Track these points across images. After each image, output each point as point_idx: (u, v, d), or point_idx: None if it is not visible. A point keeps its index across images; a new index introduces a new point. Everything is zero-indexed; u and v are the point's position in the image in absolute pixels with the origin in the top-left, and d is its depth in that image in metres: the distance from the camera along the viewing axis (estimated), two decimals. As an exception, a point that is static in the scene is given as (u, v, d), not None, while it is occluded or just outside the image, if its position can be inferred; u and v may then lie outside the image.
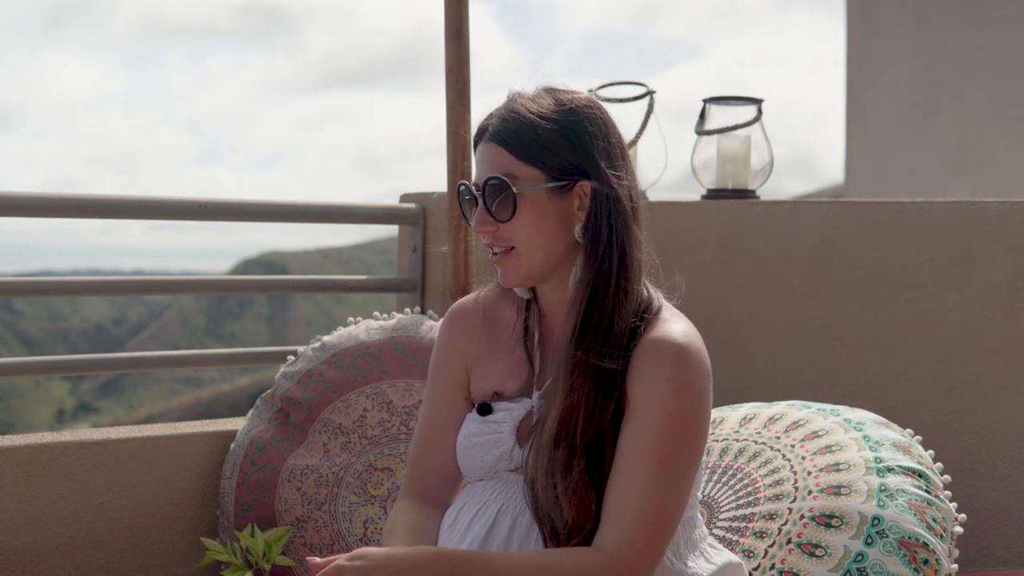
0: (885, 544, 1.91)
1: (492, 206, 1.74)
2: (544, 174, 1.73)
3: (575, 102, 1.75)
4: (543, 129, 1.72)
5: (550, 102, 1.75)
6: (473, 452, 1.82)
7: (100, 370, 2.94)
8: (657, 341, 1.70)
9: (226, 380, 35.57)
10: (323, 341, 2.68)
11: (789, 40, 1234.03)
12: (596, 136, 1.74)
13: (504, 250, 1.76)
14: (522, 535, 1.74)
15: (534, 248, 1.74)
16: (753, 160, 3.20)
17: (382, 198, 4.49)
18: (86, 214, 2.72)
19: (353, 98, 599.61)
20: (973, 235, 2.98)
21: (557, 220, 1.74)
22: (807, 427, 2.19)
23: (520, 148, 1.73)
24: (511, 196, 1.72)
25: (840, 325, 3.02)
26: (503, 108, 1.77)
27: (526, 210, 1.73)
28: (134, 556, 2.58)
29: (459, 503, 1.85)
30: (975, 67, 6.82)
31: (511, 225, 1.74)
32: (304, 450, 2.55)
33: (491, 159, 1.75)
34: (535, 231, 1.73)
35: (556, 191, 1.73)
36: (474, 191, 1.77)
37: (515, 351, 1.85)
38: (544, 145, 1.72)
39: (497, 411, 1.82)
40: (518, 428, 1.79)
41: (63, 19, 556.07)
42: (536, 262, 1.75)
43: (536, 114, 1.73)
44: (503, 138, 1.74)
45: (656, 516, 1.66)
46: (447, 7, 2.86)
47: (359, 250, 55.85)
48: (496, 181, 1.73)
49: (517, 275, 1.77)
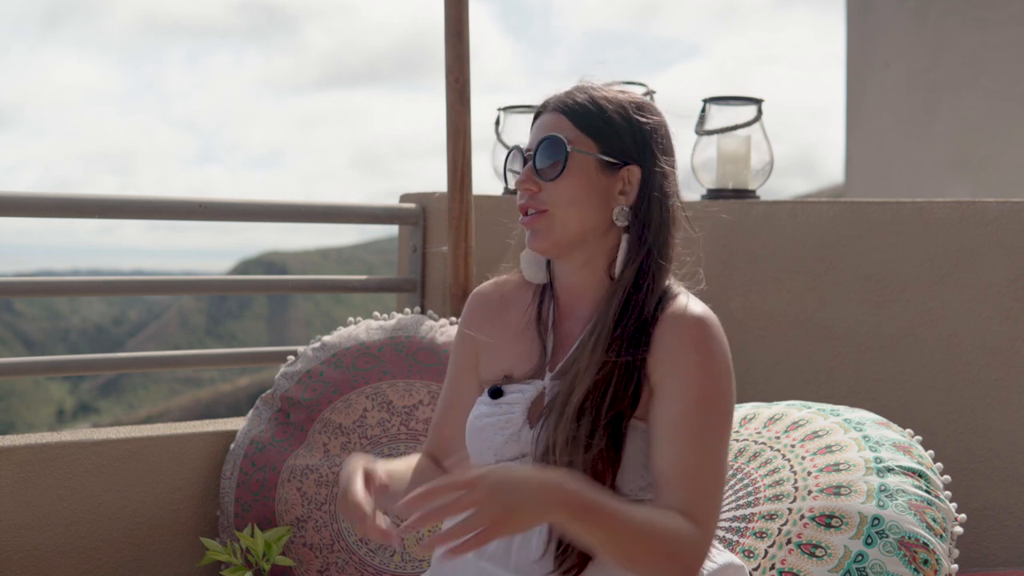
0: (885, 544, 1.91)
1: (541, 163, 1.78)
2: (598, 146, 1.77)
3: (640, 100, 1.82)
4: (607, 108, 1.78)
5: (618, 92, 1.81)
6: (483, 433, 1.84)
7: (100, 370, 2.94)
8: (678, 317, 1.75)
9: (226, 380, 35.56)
10: (323, 341, 2.68)
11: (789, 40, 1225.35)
12: (656, 131, 1.80)
13: (537, 212, 1.79)
14: None
15: (570, 216, 1.77)
16: (753, 160, 3.20)
17: (381, 198, 4.49)
18: (86, 214, 2.72)
19: (352, 97, 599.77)
20: (973, 235, 2.98)
21: (599, 195, 1.77)
22: (807, 427, 2.18)
23: (582, 118, 1.78)
24: (564, 155, 1.76)
25: (840, 325, 3.02)
26: (572, 88, 1.83)
27: (573, 174, 1.76)
28: (134, 556, 2.58)
29: None
30: (975, 67, 6.82)
31: (555, 186, 1.77)
32: (304, 450, 2.55)
33: (551, 123, 1.80)
34: (576, 200, 1.76)
35: (605, 166, 1.77)
36: (524, 153, 1.81)
37: (526, 334, 1.87)
38: (607, 121, 1.78)
39: (508, 393, 1.84)
40: (529, 409, 1.81)
41: (59, 18, 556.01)
42: (569, 231, 1.78)
43: (605, 96, 1.80)
44: (568, 107, 1.79)
45: (713, 486, 1.70)
46: (447, 7, 2.86)
47: (359, 250, 55.85)
48: (552, 138, 1.77)
49: (546, 239, 1.79)
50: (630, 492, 1.74)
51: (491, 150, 3.36)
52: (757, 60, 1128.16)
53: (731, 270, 3.07)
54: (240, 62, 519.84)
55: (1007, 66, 6.71)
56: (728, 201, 3.12)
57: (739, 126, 3.18)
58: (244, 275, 26.63)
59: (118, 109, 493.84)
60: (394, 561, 2.48)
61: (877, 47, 7.45)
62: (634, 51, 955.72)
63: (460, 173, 2.89)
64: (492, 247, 3.05)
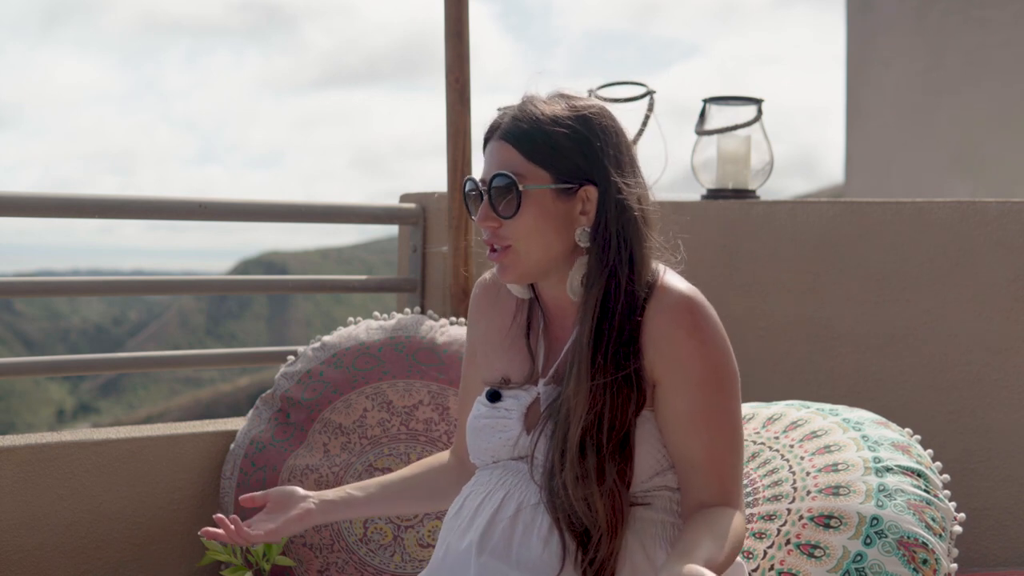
0: (884, 544, 1.91)
1: (497, 202, 1.77)
2: (551, 175, 1.76)
3: (588, 109, 1.78)
4: (555, 132, 1.76)
5: (563, 107, 1.78)
6: (481, 434, 1.87)
7: (100, 370, 2.94)
8: (666, 303, 1.75)
9: (226, 380, 35.54)
10: (323, 341, 2.68)
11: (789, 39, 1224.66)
12: (607, 143, 1.77)
13: (502, 248, 1.79)
14: (527, 520, 1.76)
15: (532, 247, 1.77)
16: (753, 160, 3.20)
17: (380, 198, 4.49)
18: (87, 214, 2.72)
19: (352, 97, 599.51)
20: (973, 235, 2.98)
21: (559, 222, 1.77)
22: (806, 427, 2.18)
23: (530, 148, 1.76)
24: (516, 194, 1.75)
25: (840, 325, 3.02)
26: (516, 108, 1.81)
27: (529, 209, 1.76)
28: (134, 556, 2.58)
29: (464, 492, 1.88)
30: (975, 67, 6.82)
31: (513, 223, 1.77)
32: (304, 450, 2.55)
33: (500, 156, 1.78)
34: (536, 231, 1.76)
35: (560, 193, 1.76)
36: (480, 187, 1.80)
37: (518, 338, 1.89)
38: (554, 147, 1.76)
39: (506, 398, 1.86)
40: (525, 415, 1.83)
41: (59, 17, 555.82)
42: (533, 261, 1.78)
43: (549, 117, 1.77)
44: (514, 137, 1.77)
45: (737, 462, 1.76)
46: (447, 7, 2.86)
47: (359, 250, 55.84)
48: (503, 177, 1.76)
49: (514, 272, 1.80)
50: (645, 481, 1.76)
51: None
52: (757, 60, 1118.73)
53: (731, 270, 3.07)
54: (240, 62, 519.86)
55: (1007, 66, 6.71)
56: (728, 201, 3.12)
57: (739, 126, 3.18)
58: (244, 275, 26.64)
59: (118, 109, 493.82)
60: (394, 561, 2.48)
61: (877, 47, 7.45)
62: (634, 51, 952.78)
63: (460, 173, 2.90)
64: (492, 247, 3.05)
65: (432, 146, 25.80)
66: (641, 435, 1.75)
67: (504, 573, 1.73)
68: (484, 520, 1.79)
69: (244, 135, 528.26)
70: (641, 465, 1.75)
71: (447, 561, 1.80)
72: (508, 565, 1.74)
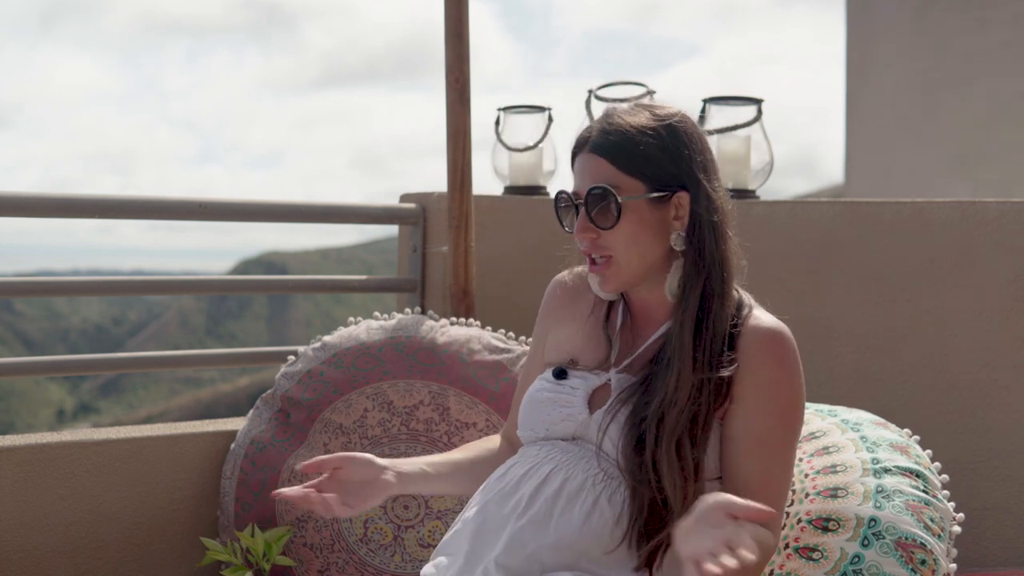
0: (882, 546, 1.91)
1: (595, 214, 1.82)
2: (645, 185, 1.82)
3: (671, 117, 1.84)
4: (644, 142, 1.81)
5: (648, 116, 1.84)
6: (541, 406, 1.91)
7: (100, 370, 2.94)
8: (763, 332, 1.84)
9: (226, 380, 35.55)
10: (323, 341, 2.68)
11: (789, 39, 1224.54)
12: (693, 150, 1.83)
13: (604, 259, 1.85)
14: (570, 494, 1.80)
15: (632, 256, 1.83)
16: (753, 160, 3.20)
17: (380, 198, 4.49)
18: (87, 214, 2.72)
19: (352, 97, 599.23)
20: (973, 235, 2.98)
21: (655, 229, 1.83)
22: (805, 429, 2.18)
23: (622, 159, 1.82)
24: (614, 205, 1.81)
25: (840, 325, 3.02)
26: (602, 121, 1.86)
27: (628, 219, 1.81)
28: (134, 556, 2.58)
29: (510, 461, 1.93)
30: (975, 67, 6.82)
31: (612, 233, 1.82)
32: (304, 450, 2.55)
33: (593, 169, 1.83)
34: (634, 240, 1.82)
35: (655, 201, 1.82)
36: (574, 200, 1.86)
37: (595, 327, 1.95)
38: (645, 157, 1.81)
39: (572, 377, 1.91)
40: (590, 397, 1.88)
41: (58, 17, 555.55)
42: (634, 269, 1.85)
43: (637, 127, 1.82)
44: (605, 149, 1.82)
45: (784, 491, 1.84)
46: (447, 7, 2.86)
47: (359, 250, 55.84)
48: (600, 190, 1.81)
49: (616, 281, 1.86)
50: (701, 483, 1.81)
51: (491, 150, 3.36)
52: (757, 60, 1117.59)
53: (731, 270, 3.07)
54: (240, 62, 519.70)
55: (1007, 66, 6.71)
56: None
57: (739, 126, 3.17)
58: (244, 275, 26.64)
59: (118, 109, 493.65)
60: (394, 561, 2.48)
61: (877, 47, 7.45)
62: (634, 51, 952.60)
63: (460, 173, 2.90)
64: (492, 247, 3.05)
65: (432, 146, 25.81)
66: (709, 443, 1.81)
67: (539, 539, 1.77)
68: (529, 490, 1.83)
69: (244, 135, 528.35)
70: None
71: (484, 521, 1.84)
72: (544, 533, 1.78)
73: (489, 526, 1.83)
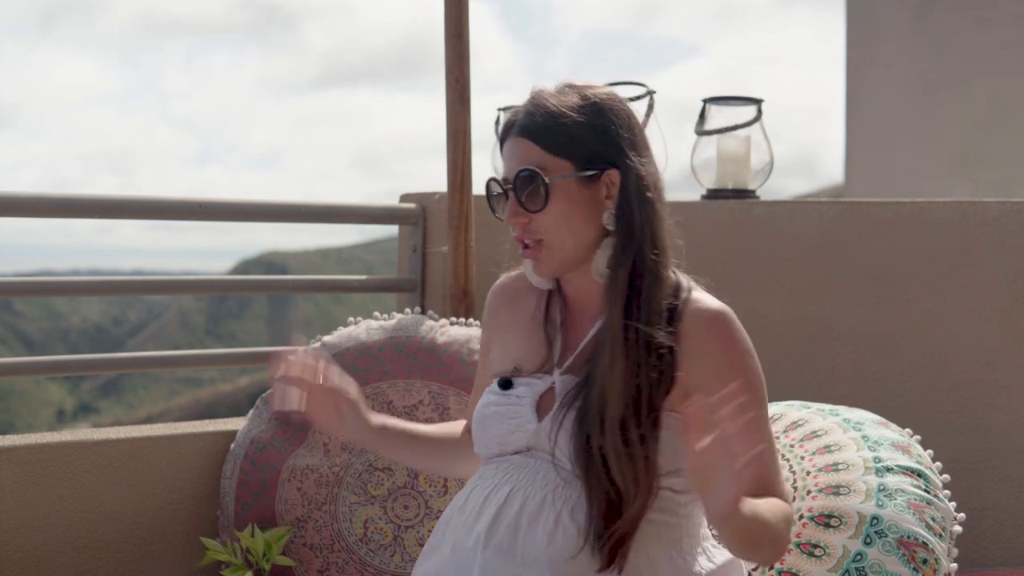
0: (884, 544, 1.91)
1: (524, 197, 1.80)
2: (573, 164, 1.79)
3: (597, 96, 1.82)
4: (570, 121, 1.79)
5: (574, 96, 1.81)
6: (490, 422, 1.87)
7: (100, 370, 2.94)
8: (704, 314, 1.80)
9: (226, 380, 35.54)
10: (323, 341, 2.68)
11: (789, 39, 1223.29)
12: (620, 127, 1.80)
13: (535, 242, 1.82)
14: (531, 515, 1.77)
15: (564, 237, 1.80)
16: (753, 160, 3.20)
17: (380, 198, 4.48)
18: (87, 214, 2.71)
19: (352, 97, 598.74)
20: (973, 235, 2.99)
21: (587, 209, 1.80)
22: (806, 427, 2.19)
23: (549, 140, 1.79)
24: (543, 186, 1.78)
25: (840, 325, 3.03)
26: (528, 104, 1.83)
27: (557, 200, 1.79)
28: (134, 556, 2.58)
29: (468, 487, 1.89)
30: (975, 67, 6.82)
31: (543, 216, 1.79)
32: (304, 450, 2.55)
33: (520, 152, 1.81)
34: (566, 221, 1.79)
35: (585, 180, 1.79)
36: (503, 185, 1.83)
37: (537, 329, 1.91)
38: (572, 136, 1.79)
39: (518, 385, 1.87)
40: (537, 404, 1.84)
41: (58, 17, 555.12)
42: (567, 251, 1.81)
43: (563, 107, 1.80)
44: (531, 131, 1.80)
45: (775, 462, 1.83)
46: (447, 7, 2.86)
47: (359, 250, 55.84)
48: (527, 172, 1.79)
49: (549, 264, 1.83)
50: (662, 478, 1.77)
51: (491, 150, 3.36)
52: (757, 60, 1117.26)
53: (731, 270, 3.07)
54: (239, 61, 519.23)
55: (1007, 66, 6.71)
56: (728, 201, 3.12)
57: (739, 126, 3.17)
58: (244, 275, 26.63)
59: (117, 109, 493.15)
60: (394, 561, 2.48)
61: (877, 47, 7.45)
62: (634, 51, 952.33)
63: (460, 173, 2.89)
64: (492, 247, 3.05)
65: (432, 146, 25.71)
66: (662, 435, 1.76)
67: (508, 568, 1.74)
68: (489, 515, 1.79)
69: (244, 135, 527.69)
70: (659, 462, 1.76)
71: (454, 557, 1.81)
72: (512, 560, 1.74)
73: (464, 567, 1.78)
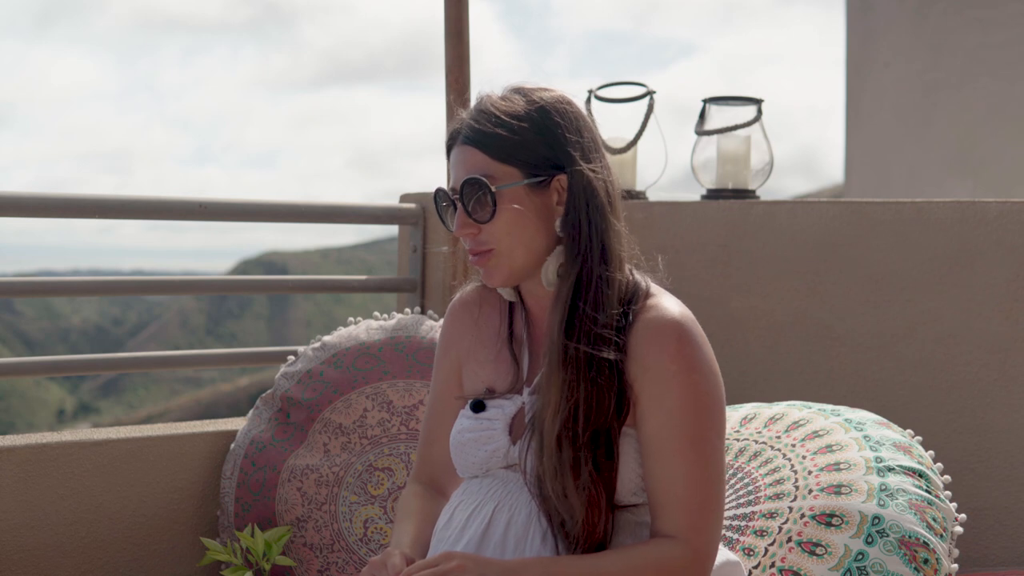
0: (885, 543, 1.91)
1: (472, 207, 1.73)
2: (520, 171, 1.73)
3: (544, 99, 1.75)
4: (515, 127, 1.72)
5: (520, 100, 1.75)
6: (466, 448, 1.82)
7: (100, 370, 2.94)
8: (654, 323, 1.70)
9: (226, 380, 35.54)
10: (323, 341, 2.68)
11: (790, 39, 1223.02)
12: (568, 130, 1.74)
13: (484, 251, 1.75)
14: (518, 533, 1.73)
15: (515, 246, 1.74)
16: (753, 160, 3.20)
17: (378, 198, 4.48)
18: (87, 214, 2.72)
19: (350, 96, 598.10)
20: (973, 235, 2.98)
21: (538, 216, 1.73)
22: (807, 427, 2.19)
23: (494, 147, 1.73)
24: (490, 195, 1.72)
25: (840, 325, 3.02)
26: (473, 111, 1.77)
27: (505, 209, 1.72)
28: (134, 556, 2.58)
29: (453, 502, 1.85)
30: (975, 67, 6.82)
31: (492, 225, 1.73)
32: (304, 450, 2.55)
33: (466, 161, 1.75)
34: (516, 229, 1.73)
35: (534, 187, 1.73)
36: (451, 195, 1.76)
37: (502, 350, 1.85)
38: (517, 142, 1.72)
39: (490, 408, 1.81)
40: (511, 425, 1.79)
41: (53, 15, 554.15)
42: (518, 260, 1.75)
43: (507, 113, 1.73)
44: (476, 139, 1.74)
45: (709, 497, 1.67)
46: (447, 7, 2.86)
47: (359, 250, 55.83)
48: (474, 181, 1.72)
49: (500, 274, 1.76)
50: (624, 498, 1.72)
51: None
52: (757, 59, 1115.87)
53: (731, 270, 3.07)
54: (236, 60, 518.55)
55: (1007, 66, 6.71)
56: (728, 201, 3.12)
57: (739, 126, 3.17)
58: (244, 275, 26.63)
59: (113, 108, 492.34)
60: (394, 561, 2.48)
61: (877, 47, 7.44)
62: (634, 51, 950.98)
63: (460, 173, 2.89)
64: (492, 247, 3.05)
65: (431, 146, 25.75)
66: (623, 450, 1.69)
67: None
68: (476, 534, 1.75)
69: (240, 134, 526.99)
70: (623, 481, 1.70)
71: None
72: None
73: None
